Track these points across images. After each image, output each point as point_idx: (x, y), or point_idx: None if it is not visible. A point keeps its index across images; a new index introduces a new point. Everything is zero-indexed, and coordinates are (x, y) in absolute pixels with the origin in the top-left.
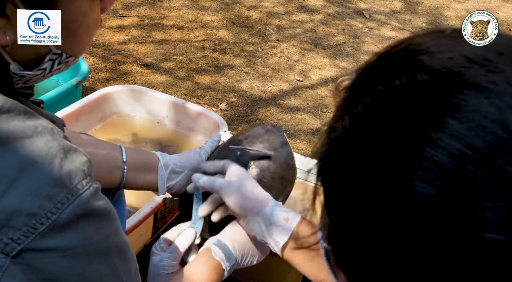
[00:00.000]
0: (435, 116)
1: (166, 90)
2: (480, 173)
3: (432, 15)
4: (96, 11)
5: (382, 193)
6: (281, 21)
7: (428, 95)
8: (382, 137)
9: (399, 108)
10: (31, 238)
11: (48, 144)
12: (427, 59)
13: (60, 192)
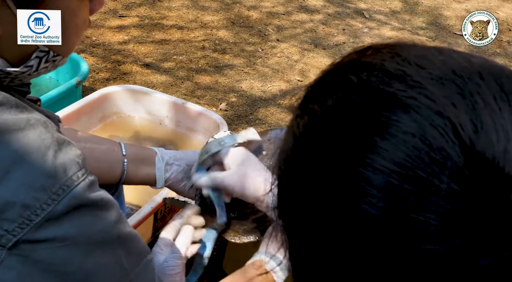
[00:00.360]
0: (365, 137)
1: (166, 90)
2: (406, 187)
3: (432, 15)
4: (84, 11)
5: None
6: (281, 21)
7: (357, 115)
8: (319, 160)
9: (332, 130)
10: (27, 230)
11: (42, 136)
12: (354, 78)
13: (55, 183)
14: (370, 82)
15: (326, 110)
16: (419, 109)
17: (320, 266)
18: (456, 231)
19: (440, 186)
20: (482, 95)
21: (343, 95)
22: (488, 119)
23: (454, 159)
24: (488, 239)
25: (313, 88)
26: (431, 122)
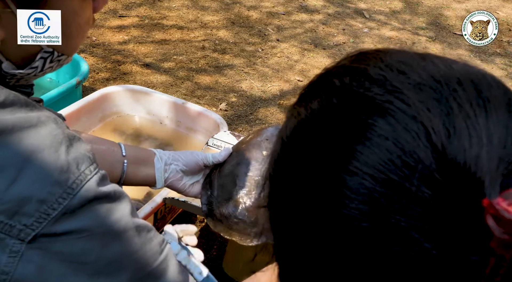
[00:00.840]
0: (343, 141)
1: (166, 90)
2: (379, 189)
3: (432, 15)
4: (87, 10)
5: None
6: (281, 21)
7: (337, 118)
8: (302, 162)
9: (314, 133)
10: (45, 224)
11: (53, 132)
12: (337, 82)
13: (69, 178)
14: (351, 86)
15: (310, 113)
16: (395, 113)
17: (303, 265)
18: (425, 234)
19: (410, 188)
20: (458, 100)
21: (326, 98)
22: (462, 124)
23: (426, 163)
24: (458, 243)
25: (303, 91)
26: (404, 126)
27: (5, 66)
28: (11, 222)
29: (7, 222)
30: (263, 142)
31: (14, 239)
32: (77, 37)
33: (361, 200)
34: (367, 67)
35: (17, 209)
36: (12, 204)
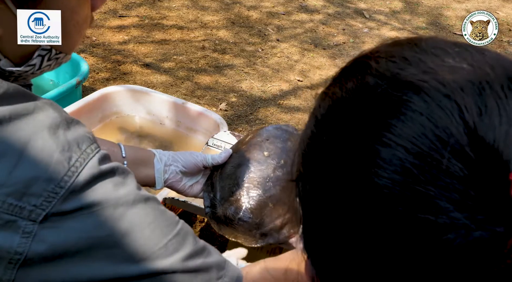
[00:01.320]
0: (378, 115)
1: (166, 90)
2: (411, 160)
3: (432, 15)
4: (85, 8)
5: (345, 191)
6: (281, 21)
7: (373, 96)
8: (337, 137)
9: (350, 109)
10: (54, 202)
11: (51, 115)
12: (373, 63)
13: (71, 157)
14: (387, 67)
15: (345, 92)
16: (429, 91)
17: (332, 240)
18: (453, 204)
19: (441, 161)
20: (490, 83)
21: (362, 78)
22: (493, 104)
23: (457, 138)
24: (484, 215)
25: (337, 74)
26: (438, 103)
27: (3, 64)
28: (21, 203)
29: (17, 203)
30: (263, 142)
31: (25, 220)
32: (75, 36)
33: (393, 170)
34: (402, 51)
35: (24, 191)
36: (18, 186)
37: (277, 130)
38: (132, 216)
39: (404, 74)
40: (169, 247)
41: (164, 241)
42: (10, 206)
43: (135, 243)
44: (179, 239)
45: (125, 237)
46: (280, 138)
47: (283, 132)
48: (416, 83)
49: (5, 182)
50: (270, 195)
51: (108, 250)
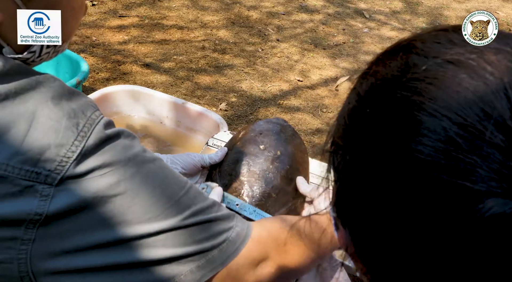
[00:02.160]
0: (423, 87)
1: (166, 90)
2: (455, 130)
3: (432, 15)
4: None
5: (386, 159)
6: (281, 21)
7: (419, 72)
8: (381, 110)
9: (396, 84)
10: (67, 166)
11: (53, 87)
12: (418, 44)
13: (78, 123)
14: (433, 47)
15: (389, 70)
16: (476, 68)
17: (371, 207)
18: (493, 174)
19: (485, 132)
20: None
21: (406, 57)
22: None
23: (500, 112)
24: None
25: (379, 55)
26: (484, 80)
27: (6, 51)
28: (36, 169)
29: (33, 169)
30: (257, 136)
31: (42, 184)
32: (71, 22)
33: (437, 138)
34: (447, 34)
35: (38, 157)
36: (32, 153)
37: (269, 124)
38: (143, 175)
39: (450, 53)
40: (181, 204)
41: (176, 198)
42: (27, 172)
43: (147, 201)
44: (189, 196)
45: (137, 196)
46: (272, 130)
47: (275, 125)
48: (463, 61)
49: (19, 150)
50: (272, 185)
51: (121, 209)
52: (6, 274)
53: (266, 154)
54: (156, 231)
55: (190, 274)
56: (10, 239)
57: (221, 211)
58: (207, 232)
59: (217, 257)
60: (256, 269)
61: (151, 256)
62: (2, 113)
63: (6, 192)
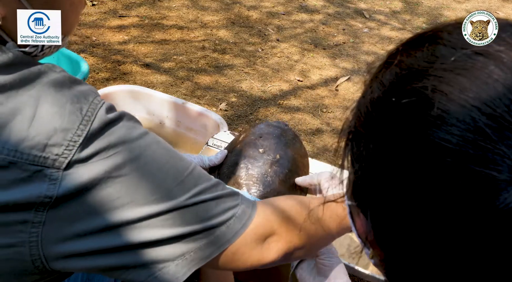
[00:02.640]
0: (451, 76)
1: (166, 90)
2: (484, 120)
3: (432, 15)
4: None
5: (412, 147)
6: (281, 21)
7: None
8: (406, 97)
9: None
10: (74, 150)
11: (55, 76)
12: (444, 35)
13: (82, 107)
14: (460, 38)
15: (415, 60)
16: (504, 60)
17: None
18: None
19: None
20: None
21: (433, 48)
22: None
23: None
24: None
25: (400, 46)
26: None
27: (9, 46)
28: (44, 154)
29: (41, 154)
30: (257, 139)
31: (50, 168)
32: (71, 16)
33: (465, 128)
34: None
35: (46, 142)
36: (40, 138)
37: (269, 127)
38: (148, 156)
39: (478, 43)
40: (186, 184)
41: (181, 178)
42: (35, 158)
43: (153, 182)
44: (194, 175)
45: (143, 177)
46: (272, 134)
47: (275, 129)
48: (492, 53)
49: (27, 136)
50: (270, 189)
51: (128, 190)
52: (19, 258)
53: (265, 157)
54: (163, 211)
55: (199, 251)
56: (21, 223)
57: (226, 189)
58: (213, 210)
59: (225, 234)
60: (263, 244)
61: (159, 235)
62: (8, 102)
63: (16, 177)
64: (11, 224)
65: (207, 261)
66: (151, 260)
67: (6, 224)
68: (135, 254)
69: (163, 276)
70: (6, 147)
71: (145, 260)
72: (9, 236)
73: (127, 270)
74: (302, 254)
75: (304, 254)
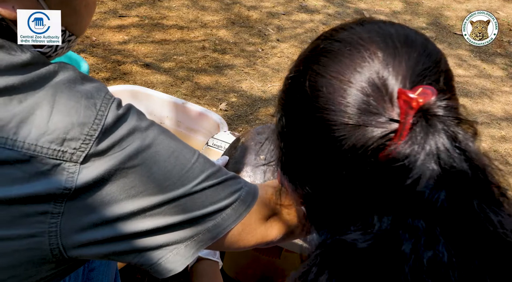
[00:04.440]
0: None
1: (166, 90)
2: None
3: (432, 15)
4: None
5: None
6: (281, 21)
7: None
8: (299, 79)
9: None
10: (91, 144)
11: (68, 73)
12: (320, 41)
13: (96, 103)
14: (333, 32)
15: (306, 52)
16: (349, 41)
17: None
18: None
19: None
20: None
21: (314, 42)
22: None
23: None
24: (379, 115)
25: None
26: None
27: (27, 46)
28: (63, 148)
29: (60, 149)
30: (256, 145)
31: (68, 162)
32: (86, 17)
33: (328, 93)
34: (345, 24)
35: (64, 136)
36: (58, 132)
37: (267, 131)
38: (158, 145)
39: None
40: (195, 170)
41: (189, 165)
42: (54, 152)
43: (165, 169)
44: (200, 162)
45: (155, 165)
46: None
47: None
48: (345, 38)
49: (46, 131)
50: None
51: (142, 178)
52: (38, 248)
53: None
54: (175, 197)
55: (207, 233)
56: (41, 214)
57: (229, 173)
58: (220, 194)
59: (231, 215)
60: (266, 223)
61: (171, 221)
62: (27, 99)
63: (37, 170)
64: (32, 215)
65: (214, 241)
66: (164, 244)
67: (27, 215)
68: (149, 239)
69: (174, 258)
70: (26, 141)
71: (158, 244)
72: (30, 227)
73: (139, 254)
74: (303, 233)
75: (305, 233)
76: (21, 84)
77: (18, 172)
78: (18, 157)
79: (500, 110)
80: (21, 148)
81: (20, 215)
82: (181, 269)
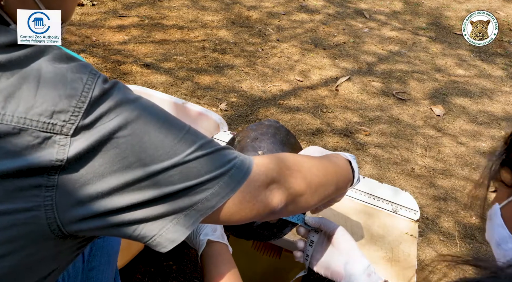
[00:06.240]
0: None
1: (166, 90)
2: None
3: (433, 16)
4: None
5: None
6: (281, 21)
7: None
8: None
9: None
10: (80, 116)
11: (54, 52)
12: None
13: (82, 76)
14: None
15: None
16: None
17: None
18: None
19: None
20: None
21: None
22: None
23: None
24: None
25: None
26: None
27: (14, 27)
28: (52, 120)
29: (49, 121)
30: (253, 141)
31: (59, 134)
32: (69, 2)
33: None
34: None
35: (53, 109)
36: (46, 105)
37: (262, 127)
38: (148, 116)
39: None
40: (187, 140)
41: (181, 135)
42: (44, 124)
43: (156, 139)
44: (191, 133)
45: (146, 135)
46: (267, 134)
47: (268, 128)
48: None
49: (34, 103)
50: None
51: (133, 148)
52: (35, 222)
53: None
54: (169, 166)
55: (206, 201)
56: (36, 187)
57: (221, 145)
58: (215, 163)
59: (228, 184)
60: (265, 191)
61: (168, 190)
62: (13, 76)
63: (28, 144)
64: (26, 189)
65: (213, 210)
66: (163, 214)
67: (21, 189)
68: (148, 210)
69: (174, 227)
70: (15, 115)
71: (158, 214)
72: (25, 200)
73: (139, 225)
74: (304, 202)
75: (306, 202)
76: (8, 62)
77: (9, 145)
78: (8, 130)
79: (500, 110)
80: (10, 122)
81: (15, 189)
82: (182, 239)
